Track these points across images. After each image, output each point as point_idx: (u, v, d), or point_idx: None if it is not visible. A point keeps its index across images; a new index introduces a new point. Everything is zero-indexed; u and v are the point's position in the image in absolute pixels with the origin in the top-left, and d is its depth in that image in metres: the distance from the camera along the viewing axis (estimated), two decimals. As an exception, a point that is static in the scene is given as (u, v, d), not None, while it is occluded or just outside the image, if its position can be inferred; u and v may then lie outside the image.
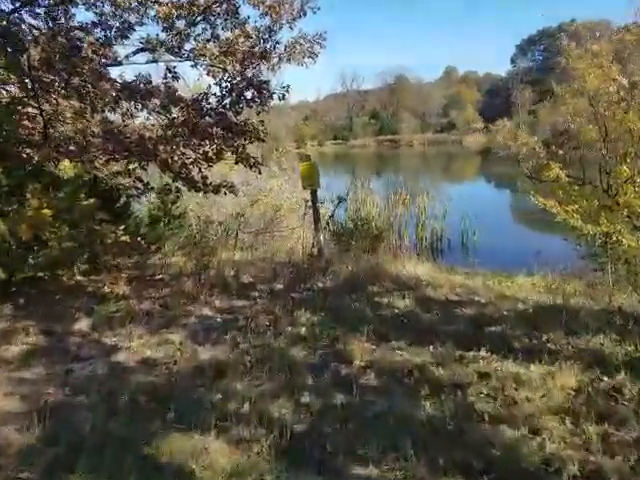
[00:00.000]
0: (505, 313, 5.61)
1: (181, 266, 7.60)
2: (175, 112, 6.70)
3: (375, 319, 4.96)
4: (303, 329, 4.61)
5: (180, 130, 6.25)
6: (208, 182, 7.25)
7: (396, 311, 5.38)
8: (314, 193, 7.27)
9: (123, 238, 5.50)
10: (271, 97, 7.08)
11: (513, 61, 78.43)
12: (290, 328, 4.65)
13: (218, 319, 5.00)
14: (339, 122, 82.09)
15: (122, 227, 5.61)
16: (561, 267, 8.76)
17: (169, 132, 6.37)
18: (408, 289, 6.53)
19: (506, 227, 17.62)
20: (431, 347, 4.27)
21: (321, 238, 7.08)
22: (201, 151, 6.35)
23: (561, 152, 9.00)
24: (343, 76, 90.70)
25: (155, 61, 6.94)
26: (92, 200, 5.64)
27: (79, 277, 6.57)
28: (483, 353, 4.12)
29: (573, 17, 71.65)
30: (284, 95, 7.17)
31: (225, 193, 7.67)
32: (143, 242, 6.97)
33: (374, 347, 4.28)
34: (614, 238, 8.14)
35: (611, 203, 8.28)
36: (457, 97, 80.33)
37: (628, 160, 7.94)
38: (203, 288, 5.88)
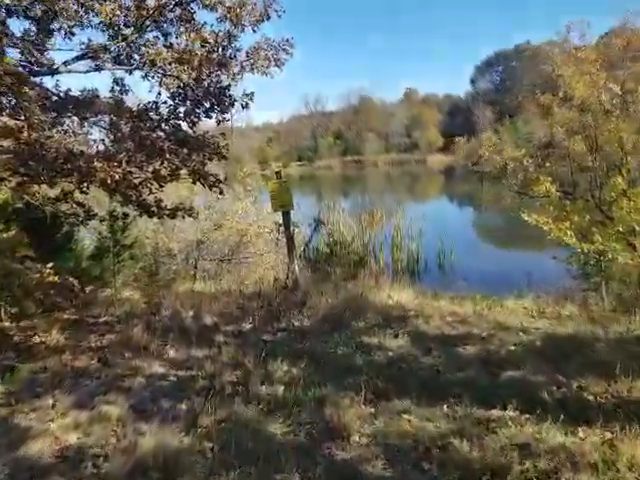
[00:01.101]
0: (512, 348, 4.85)
1: (132, 304, 6.54)
2: (122, 126, 5.72)
3: (367, 367, 4.04)
4: (280, 388, 3.62)
5: (125, 145, 5.27)
6: (163, 205, 6.23)
7: (390, 354, 4.47)
8: (286, 215, 6.35)
9: (51, 278, 4.42)
10: (232, 105, 6.19)
11: (473, 82, 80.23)
12: (264, 388, 3.66)
13: (171, 377, 3.95)
14: (304, 143, 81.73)
15: (50, 265, 4.52)
16: (548, 287, 8.30)
17: (111, 148, 5.38)
18: (397, 322, 5.70)
19: (478, 245, 17.18)
20: (445, 406, 3.36)
21: (296, 267, 6.15)
22: (150, 169, 5.35)
23: (548, 165, 8.44)
24: (306, 98, 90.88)
25: (98, 69, 5.95)
26: (11, 232, 4.56)
27: (6, 323, 5.41)
28: (510, 412, 3.24)
29: (527, 39, 74.56)
30: (247, 103, 6.29)
31: (183, 217, 6.66)
32: (82, 279, 5.90)
33: (372, 410, 3.34)
34: (609, 256, 7.56)
35: (602, 219, 7.72)
36: (419, 117, 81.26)
37: (623, 172, 7.39)
38: (155, 334, 4.83)
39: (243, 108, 6.33)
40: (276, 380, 3.80)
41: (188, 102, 5.65)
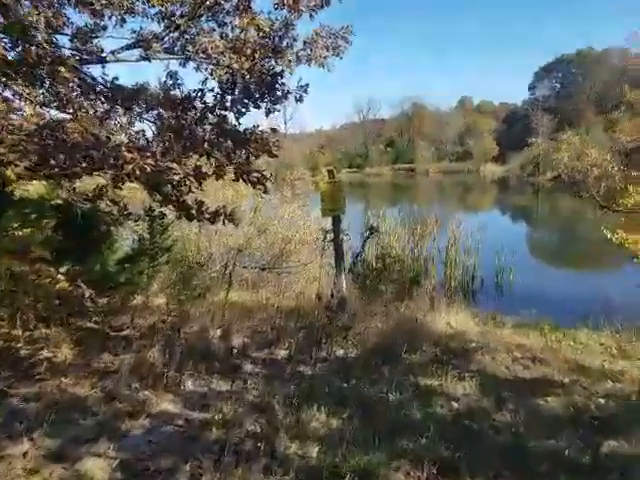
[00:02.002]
0: (602, 402, 3.90)
1: (160, 315, 5.95)
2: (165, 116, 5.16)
3: (427, 424, 3.18)
4: (315, 450, 2.82)
5: (163, 136, 4.67)
6: (204, 208, 5.59)
7: (454, 405, 3.59)
8: (337, 221, 5.56)
9: (61, 284, 3.82)
10: (286, 96, 5.49)
11: (531, 88, 76.96)
12: (294, 447, 2.87)
13: (181, 422, 3.21)
14: (355, 150, 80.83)
15: (63, 269, 3.93)
16: (621, 317, 7.06)
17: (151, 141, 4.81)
18: (459, 357, 4.84)
19: (538, 264, 15.82)
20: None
21: (343, 283, 5.34)
22: (190, 164, 4.72)
23: (635, 173, 7.27)
24: (359, 105, 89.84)
25: (147, 59, 5.37)
26: (26, 230, 4.01)
27: (19, 331, 4.89)
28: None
29: (589, 44, 71.09)
30: (301, 96, 5.56)
31: (224, 223, 5.98)
32: (104, 285, 5.35)
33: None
34: None
35: None
36: (473, 125, 78.83)
37: None
38: (174, 357, 4.15)
39: (297, 101, 5.58)
40: (310, 435, 3.00)
41: (237, 90, 4.99)
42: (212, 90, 5.19)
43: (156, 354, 4.16)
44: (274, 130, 5.49)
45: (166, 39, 5.20)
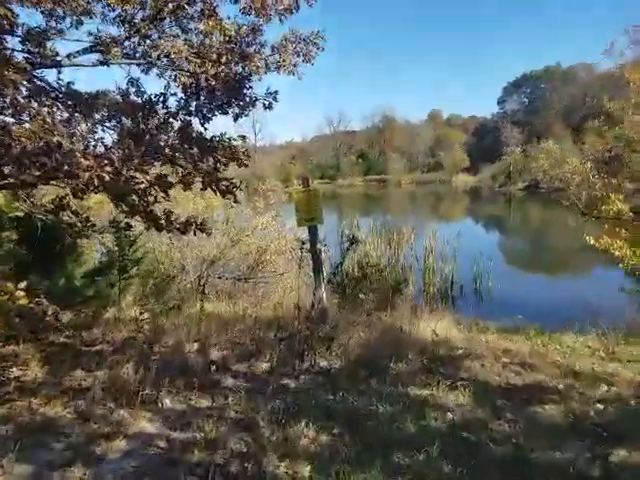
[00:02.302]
0: (601, 407, 3.79)
1: (134, 328, 5.61)
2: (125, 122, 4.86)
3: (422, 438, 2.98)
4: (306, 469, 2.58)
5: (123, 143, 4.38)
6: (173, 218, 5.31)
7: (449, 416, 3.39)
8: (314, 231, 5.34)
9: (22, 301, 3.49)
10: (254, 103, 5.28)
11: (500, 102, 78.84)
12: (283, 466, 2.63)
13: (161, 442, 2.92)
14: (326, 162, 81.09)
15: (23, 284, 3.59)
16: (605, 320, 7.26)
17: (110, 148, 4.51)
18: (447, 365, 4.68)
19: (514, 270, 15.95)
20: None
21: (323, 293, 5.12)
22: (154, 173, 4.44)
23: (614, 181, 7.31)
24: (330, 117, 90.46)
25: (106, 63, 5.09)
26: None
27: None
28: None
29: (557, 61, 73.39)
30: (270, 103, 5.36)
31: (194, 233, 5.71)
32: (70, 300, 5.01)
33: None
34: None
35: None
36: (444, 137, 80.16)
37: None
38: (150, 372, 3.84)
39: (266, 108, 5.40)
40: (300, 453, 2.75)
41: (202, 95, 4.74)
42: (175, 94, 4.95)
43: (131, 370, 3.85)
44: (243, 137, 5.25)
45: (126, 43, 4.94)
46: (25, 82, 4.47)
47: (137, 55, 5.14)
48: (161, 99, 4.83)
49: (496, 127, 70.82)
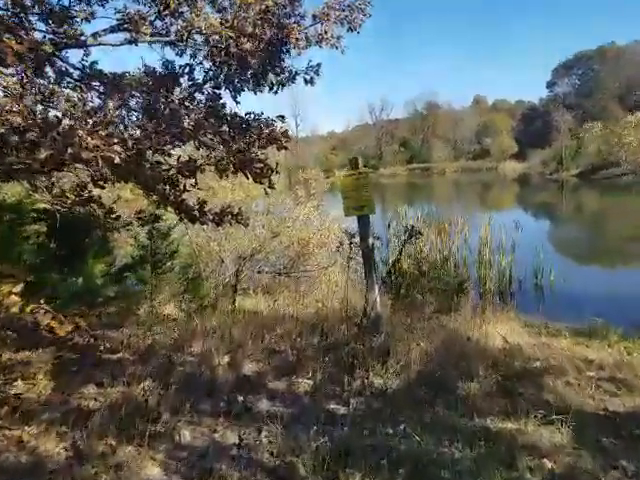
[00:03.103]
0: None
1: (163, 332, 5.06)
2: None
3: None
4: None
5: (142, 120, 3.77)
6: (207, 209, 4.67)
7: (548, 465, 2.59)
8: (365, 222, 4.55)
9: (14, 309, 2.91)
10: (293, 78, 4.56)
11: (549, 86, 75.02)
12: None
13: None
14: (368, 151, 79.58)
15: (19, 287, 3.02)
16: None
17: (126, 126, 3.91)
18: (523, 382, 3.87)
19: (575, 264, 14.62)
20: None
21: (377, 298, 4.32)
22: (174, 156, 3.81)
23: None
24: (372, 106, 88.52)
25: (135, 41, 4.47)
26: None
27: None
28: None
29: (612, 40, 69.11)
30: (312, 78, 4.64)
31: (230, 223, 5.05)
32: (88, 303, 4.48)
33: None
34: None
35: None
36: (490, 123, 77.10)
37: None
38: (169, 393, 3.22)
39: (307, 83, 4.68)
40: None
41: (232, 62, 4.05)
42: (202, 64, 4.27)
43: (148, 388, 3.24)
44: (282, 117, 4.51)
45: (157, 21, 4.31)
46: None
47: (168, 33, 4.51)
48: (186, 70, 4.18)
49: (546, 111, 67.44)
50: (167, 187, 4.33)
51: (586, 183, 43.79)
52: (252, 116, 4.37)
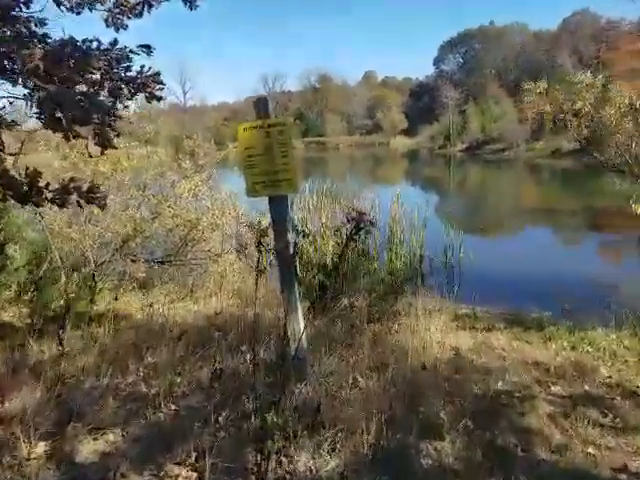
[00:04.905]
0: None
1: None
2: None
3: None
4: None
5: None
6: (41, 184, 2.85)
7: None
8: (281, 206, 2.86)
9: None
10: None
11: (436, 62, 77.43)
12: None
13: None
14: (261, 123, 76.72)
15: None
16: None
17: None
18: (496, 424, 2.78)
19: (478, 240, 14.32)
20: None
21: (301, 323, 2.71)
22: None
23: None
24: (265, 77, 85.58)
25: None
26: None
27: None
28: None
29: (491, 20, 72.73)
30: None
31: (79, 205, 3.25)
32: None
33: None
34: None
35: None
36: (381, 99, 78.25)
37: None
38: None
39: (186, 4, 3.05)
40: None
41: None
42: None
43: None
44: (147, 48, 2.81)
45: None
46: None
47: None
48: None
49: (433, 88, 69.76)
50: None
51: (471, 157, 45.93)
52: (95, 44, 2.65)
